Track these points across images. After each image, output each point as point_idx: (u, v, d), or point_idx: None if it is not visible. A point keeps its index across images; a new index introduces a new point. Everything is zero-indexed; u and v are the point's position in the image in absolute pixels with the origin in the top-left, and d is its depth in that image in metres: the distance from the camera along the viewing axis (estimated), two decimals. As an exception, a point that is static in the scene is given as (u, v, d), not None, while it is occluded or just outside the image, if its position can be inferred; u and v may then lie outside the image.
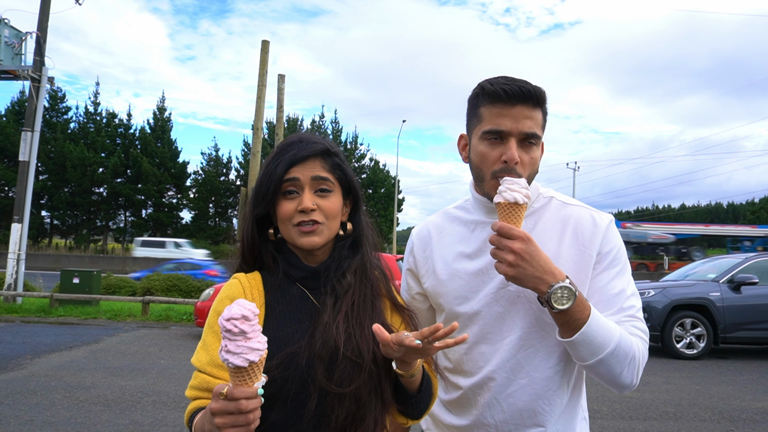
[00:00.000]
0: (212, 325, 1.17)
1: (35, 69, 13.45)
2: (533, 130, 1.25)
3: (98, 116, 40.95)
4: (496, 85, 1.25)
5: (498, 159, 1.25)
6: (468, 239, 1.38)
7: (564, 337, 1.19)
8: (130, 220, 42.69)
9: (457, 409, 1.40)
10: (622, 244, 1.33)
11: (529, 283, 1.13)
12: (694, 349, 8.59)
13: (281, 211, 1.19)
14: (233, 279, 1.25)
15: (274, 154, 1.23)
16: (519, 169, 1.24)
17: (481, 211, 1.39)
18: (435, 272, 1.40)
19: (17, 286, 13.03)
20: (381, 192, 42.18)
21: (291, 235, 1.19)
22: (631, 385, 1.24)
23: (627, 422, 5.14)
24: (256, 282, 1.22)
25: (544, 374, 1.28)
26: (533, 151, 1.27)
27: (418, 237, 1.49)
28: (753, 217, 52.62)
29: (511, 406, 1.30)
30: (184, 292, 13.56)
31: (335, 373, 1.09)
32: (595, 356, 1.17)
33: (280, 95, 14.77)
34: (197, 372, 1.15)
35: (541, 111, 1.27)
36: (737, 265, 9.12)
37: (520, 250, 1.12)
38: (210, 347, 1.15)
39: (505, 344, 1.30)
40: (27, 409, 5.05)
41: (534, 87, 1.25)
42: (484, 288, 1.32)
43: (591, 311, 1.16)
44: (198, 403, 1.12)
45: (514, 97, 1.23)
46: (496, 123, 1.25)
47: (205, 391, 1.12)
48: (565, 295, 1.12)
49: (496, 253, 1.15)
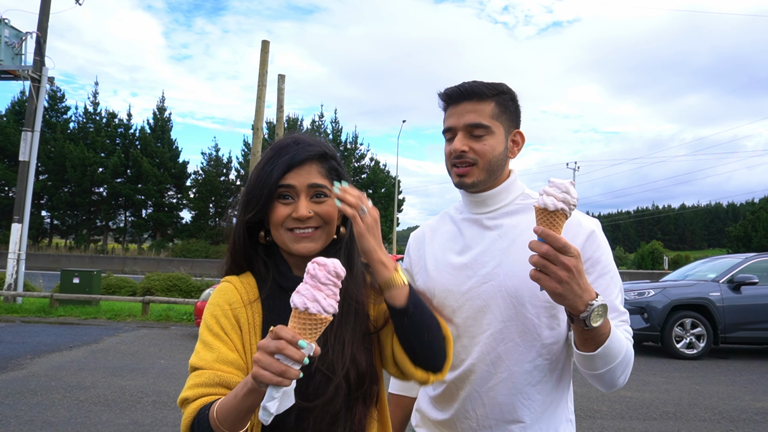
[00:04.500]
0: (211, 327, 1.13)
1: (35, 69, 13.45)
2: (476, 120, 1.35)
3: (98, 116, 40.96)
4: (445, 90, 1.41)
5: (451, 152, 1.38)
6: (456, 236, 1.46)
7: (585, 351, 1.18)
8: (130, 220, 42.68)
9: (441, 403, 1.44)
10: (610, 250, 1.36)
11: (570, 302, 1.07)
12: (694, 349, 8.60)
13: (275, 215, 1.15)
14: (226, 283, 1.20)
15: (269, 157, 1.18)
16: (470, 156, 1.36)
17: (467, 207, 1.47)
18: (426, 268, 1.47)
19: (17, 286, 13.03)
20: (381, 192, 42.16)
21: (284, 240, 1.16)
22: (622, 385, 1.28)
23: (627, 422, 5.15)
24: (251, 287, 1.19)
25: (523, 368, 1.31)
26: (485, 140, 1.36)
27: (414, 238, 1.59)
28: (753, 217, 52.52)
29: (492, 399, 1.32)
30: (184, 292, 13.56)
31: (309, 387, 1.09)
32: (607, 366, 1.19)
33: (280, 95, 14.77)
34: (201, 370, 1.08)
35: (492, 103, 1.37)
36: (737, 265, 9.12)
37: (574, 267, 1.05)
38: (214, 347, 1.10)
39: (485, 338, 1.33)
40: (27, 409, 5.05)
41: (475, 84, 1.37)
42: (467, 282, 1.37)
43: (611, 324, 1.18)
44: (206, 400, 1.04)
45: (455, 97, 1.38)
46: (447, 122, 1.41)
47: (216, 386, 1.05)
48: (600, 312, 1.10)
49: (547, 266, 1.05)
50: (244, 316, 1.15)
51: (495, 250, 1.37)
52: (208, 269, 29.23)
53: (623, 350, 1.20)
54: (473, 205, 1.45)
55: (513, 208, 1.41)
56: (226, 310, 1.15)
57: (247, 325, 1.14)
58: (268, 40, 13.41)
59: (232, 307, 1.15)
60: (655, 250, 50.14)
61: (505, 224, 1.39)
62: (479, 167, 1.37)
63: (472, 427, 1.35)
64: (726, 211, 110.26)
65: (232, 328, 1.13)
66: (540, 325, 1.31)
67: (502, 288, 1.32)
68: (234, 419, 0.96)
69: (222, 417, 0.97)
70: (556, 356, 1.34)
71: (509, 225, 1.38)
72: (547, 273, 1.05)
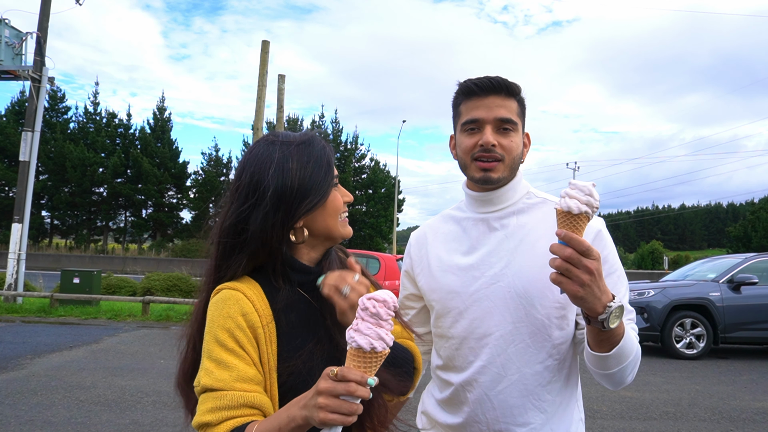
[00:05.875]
0: (224, 342, 1.05)
1: (35, 69, 13.45)
2: (507, 115, 1.33)
3: (98, 116, 40.97)
4: (468, 81, 1.37)
5: (476, 145, 1.35)
6: (461, 236, 1.43)
7: (600, 351, 1.17)
8: (130, 220, 42.68)
9: (450, 407, 1.41)
10: (614, 247, 1.35)
11: (590, 304, 1.06)
12: (694, 349, 8.60)
13: (335, 203, 1.18)
14: (232, 291, 1.09)
15: (316, 145, 1.17)
16: (498, 151, 1.33)
17: (472, 206, 1.44)
18: (429, 268, 1.45)
19: (17, 286, 13.03)
20: (381, 192, 42.16)
21: (337, 226, 1.19)
22: (629, 383, 1.27)
23: (627, 422, 5.15)
24: (258, 293, 1.11)
25: (534, 369, 1.30)
26: (511, 136, 1.34)
27: (414, 238, 1.56)
28: (753, 217, 52.48)
29: (502, 402, 1.30)
30: (184, 292, 13.56)
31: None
32: (619, 365, 1.18)
33: (280, 95, 14.76)
34: (222, 392, 1.01)
35: (515, 101, 1.36)
36: (737, 266, 9.12)
37: (596, 271, 1.04)
38: (231, 365, 1.03)
39: (495, 339, 1.31)
40: (27, 409, 5.05)
41: (504, 79, 1.35)
42: (475, 283, 1.35)
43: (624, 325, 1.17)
44: (234, 423, 0.98)
45: (485, 89, 1.34)
46: (472, 114, 1.35)
47: (242, 408, 1.00)
48: (617, 314, 1.09)
49: (570, 270, 1.03)
50: (260, 326, 1.08)
51: (502, 251, 1.35)
52: (208, 269, 29.19)
53: (634, 349, 1.20)
54: (479, 204, 1.42)
55: (519, 207, 1.39)
56: (240, 322, 1.06)
57: (263, 336, 1.08)
58: (268, 40, 13.42)
59: (247, 318, 1.07)
60: (655, 250, 50.16)
61: (511, 224, 1.37)
62: (505, 164, 1.34)
63: (482, 431, 1.33)
64: (726, 211, 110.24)
65: (249, 341, 1.06)
66: (550, 326, 1.30)
67: (511, 289, 1.31)
68: None
69: None
70: (564, 356, 1.33)
71: (516, 225, 1.37)
72: (569, 276, 1.04)
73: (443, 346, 1.41)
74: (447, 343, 1.40)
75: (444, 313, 1.39)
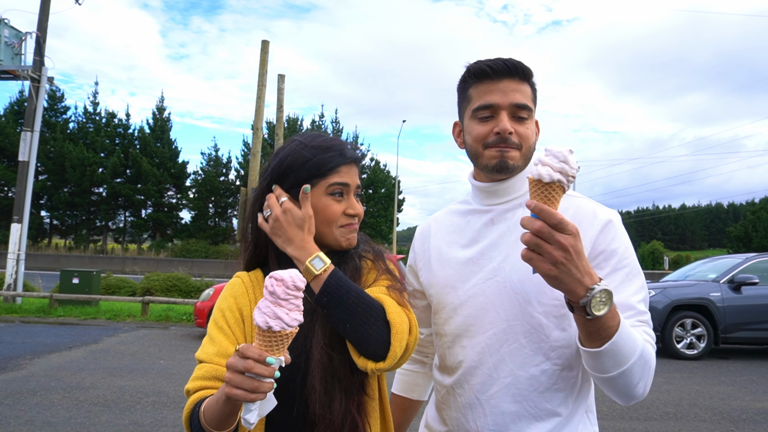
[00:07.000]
0: (217, 320, 1.19)
1: (35, 69, 13.44)
2: (524, 101, 1.23)
3: (97, 116, 40.93)
4: (480, 63, 1.26)
5: (490, 132, 1.24)
6: (463, 229, 1.35)
7: (590, 346, 1.04)
8: (130, 220, 42.64)
9: (441, 411, 1.34)
10: (629, 243, 1.22)
11: (567, 286, 0.96)
12: (695, 349, 8.59)
13: (329, 211, 1.19)
14: (235, 278, 1.27)
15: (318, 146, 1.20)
16: (515, 140, 1.23)
17: (478, 198, 1.36)
18: (430, 262, 1.38)
19: (17, 286, 13.02)
20: (381, 192, 42.16)
21: (335, 236, 1.20)
22: (642, 396, 1.12)
23: (627, 422, 5.14)
24: (258, 281, 1.24)
25: (529, 372, 1.18)
26: (526, 124, 1.25)
27: (419, 232, 1.50)
28: (753, 217, 52.47)
29: (494, 408, 1.20)
30: (183, 293, 13.56)
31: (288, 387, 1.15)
32: (619, 368, 1.04)
33: (280, 95, 14.75)
34: (203, 363, 1.14)
35: (529, 86, 1.26)
36: (737, 266, 9.12)
37: (572, 247, 0.93)
38: (216, 340, 1.15)
39: (487, 338, 1.22)
40: (27, 409, 5.04)
41: (519, 61, 1.24)
42: (472, 278, 1.27)
43: (620, 316, 1.03)
44: (202, 393, 1.10)
45: (500, 72, 1.23)
46: (486, 99, 1.24)
47: (212, 380, 1.11)
48: (604, 299, 0.96)
49: (540, 245, 0.93)
50: (247, 308, 1.19)
51: (503, 244, 1.25)
52: (208, 269, 29.22)
53: (637, 350, 1.05)
54: (486, 196, 1.32)
55: (524, 199, 1.29)
56: (231, 303, 1.20)
57: (250, 318, 1.16)
58: (267, 39, 13.42)
59: (237, 300, 1.20)
60: (656, 251, 50.19)
61: (516, 216, 1.27)
62: (521, 152, 1.24)
63: None
64: (726, 211, 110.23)
65: (236, 321, 1.18)
66: (548, 326, 1.18)
67: (507, 284, 1.21)
68: (218, 421, 1.00)
69: (208, 418, 1.02)
70: (568, 362, 1.19)
71: (519, 217, 1.28)
72: (540, 253, 0.94)
73: (438, 344, 1.35)
74: (440, 341, 1.33)
75: (439, 309, 1.32)
